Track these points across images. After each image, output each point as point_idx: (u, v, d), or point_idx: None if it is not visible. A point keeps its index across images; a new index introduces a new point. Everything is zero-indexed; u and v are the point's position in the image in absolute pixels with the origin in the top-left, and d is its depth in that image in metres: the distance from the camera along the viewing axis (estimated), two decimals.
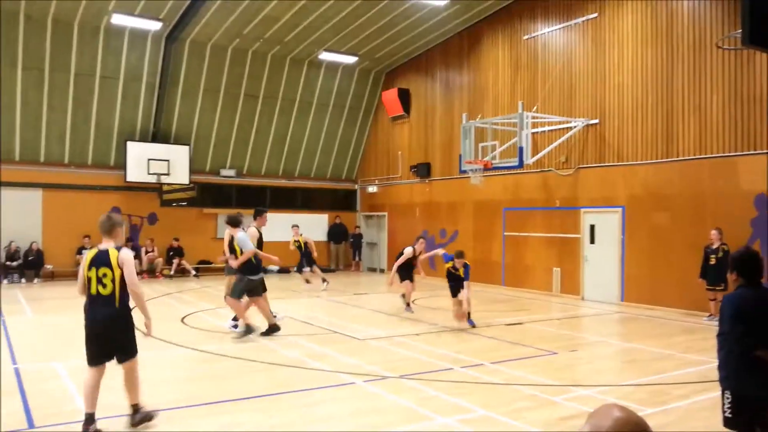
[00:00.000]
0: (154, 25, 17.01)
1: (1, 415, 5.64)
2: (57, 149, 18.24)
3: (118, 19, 16.51)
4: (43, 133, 17.85)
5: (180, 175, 19.32)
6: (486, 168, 14.68)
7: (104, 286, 5.14)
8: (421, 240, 12.73)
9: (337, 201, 23.29)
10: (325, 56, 19.97)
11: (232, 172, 21.00)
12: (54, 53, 16.91)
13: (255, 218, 10.15)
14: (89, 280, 5.17)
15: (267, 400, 6.21)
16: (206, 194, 20.36)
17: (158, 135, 19.28)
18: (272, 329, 9.47)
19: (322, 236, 22.47)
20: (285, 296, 14.86)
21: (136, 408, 5.39)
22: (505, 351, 8.73)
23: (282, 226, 18.04)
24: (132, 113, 18.77)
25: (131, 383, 5.38)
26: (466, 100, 18.28)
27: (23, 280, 17.33)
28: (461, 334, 10.04)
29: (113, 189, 18.98)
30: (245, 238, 9.24)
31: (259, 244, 9.73)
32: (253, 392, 6.46)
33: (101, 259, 5.18)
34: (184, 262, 19.54)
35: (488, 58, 17.79)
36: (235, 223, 9.51)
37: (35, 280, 17.43)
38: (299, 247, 16.35)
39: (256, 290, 9.42)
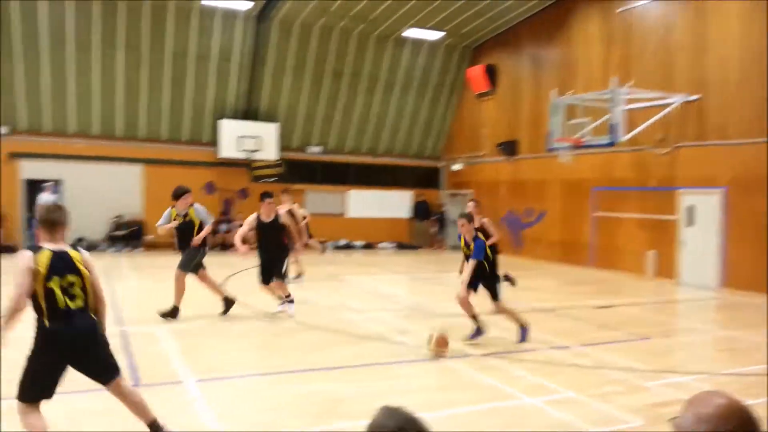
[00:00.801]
0: (245, 5, 17.47)
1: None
2: (155, 126, 19.21)
3: (210, 1, 17.08)
4: (141, 111, 18.82)
5: (269, 151, 19.88)
6: (576, 146, 14.22)
7: (72, 297, 4.00)
8: (470, 203, 10.80)
9: (421, 178, 23.28)
10: (411, 33, 19.85)
11: (318, 149, 21.40)
12: (151, 35, 17.72)
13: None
14: (50, 292, 3.90)
15: (356, 371, 6.36)
16: (293, 170, 20.85)
17: (248, 113, 19.89)
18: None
19: (406, 213, 22.58)
20: (373, 272, 15.08)
21: (155, 425, 4.36)
22: (593, 334, 8.51)
23: (367, 204, 18.22)
24: (224, 92, 19.44)
25: (135, 400, 4.37)
26: (556, 76, 17.71)
27: (127, 250, 18.47)
28: (547, 314, 9.87)
29: (207, 165, 19.78)
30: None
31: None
32: (341, 363, 6.62)
33: (64, 265, 3.97)
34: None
35: (579, 33, 17.12)
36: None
37: (137, 250, 18.53)
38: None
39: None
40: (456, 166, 22.42)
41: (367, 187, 21.99)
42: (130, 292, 11.38)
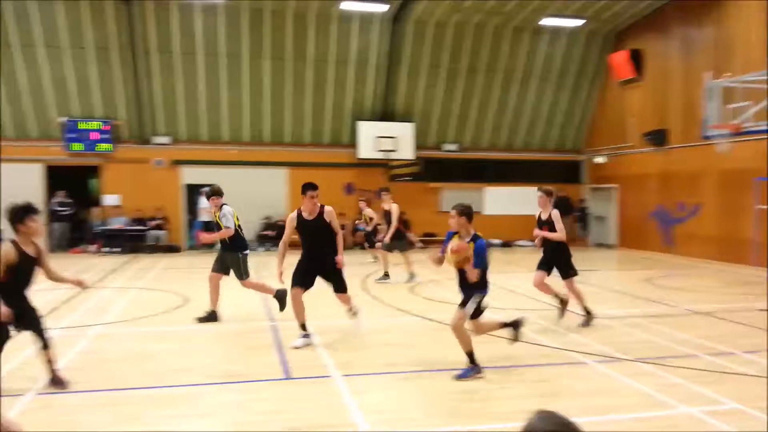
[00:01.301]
0: (381, 8, 17.85)
1: (261, 365, 6.48)
2: (298, 130, 20.21)
3: (348, 5, 17.63)
4: (287, 117, 19.87)
5: (405, 151, 20.16)
6: (736, 132, 13.02)
7: None
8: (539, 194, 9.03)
9: (562, 173, 22.44)
10: (549, 22, 19.22)
11: (454, 147, 21.38)
12: (294, 43, 18.64)
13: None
14: None
15: (502, 372, 6.27)
16: (430, 169, 20.96)
17: (385, 113, 20.32)
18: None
19: None
20: (511, 270, 14.83)
21: None
22: (757, 340, 7.75)
23: (506, 201, 17.90)
24: (362, 94, 20.01)
25: None
26: (710, 58, 16.31)
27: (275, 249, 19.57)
28: (704, 317, 9.14)
29: (346, 166, 20.48)
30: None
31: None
32: (486, 362, 6.53)
33: None
34: (410, 234, 20.45)
35: (736, 10, 15.65)
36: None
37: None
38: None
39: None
40: (599, 159, 21.39)
41: (504, 183, 21.61)
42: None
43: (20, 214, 5.31)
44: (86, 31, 17.37)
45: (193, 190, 19.52)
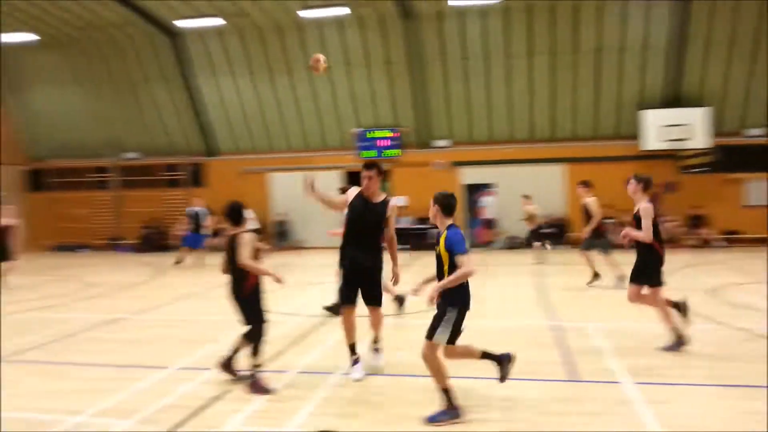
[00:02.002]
0: None
1: (543, 364, 6.40)
2: (575, 125, 19.56)
3: None
4: (562, 112, 19.37)
5: (698, 139, 18.11)
6: None
7: None
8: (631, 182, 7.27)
9: None
10: None
11: (758, 131, 18.59)
12: (570, 36, 18.06)
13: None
14: None
15: None
16: (729, 158, 18.48)
17: (673, 99, 18.54)
18: None
19: None
20: None
21: None
22: None
23: None
24: (644, 81, 18.56)
25: None
26: None
27: (548, 247, 19.15)
28: None
29: (629, 159, 19.14)
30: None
31: None
32: None
33: None
34: (707, 231, 18.38)
35: None
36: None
37: (561, 247, 19.07)
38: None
39: None
40: None
41: None
42: (557, 288, 11.74)
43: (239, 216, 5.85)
44: (374, 48, 19.13)
45: (472, 190, 20.24)
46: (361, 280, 6.10)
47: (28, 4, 17.18)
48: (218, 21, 18.41)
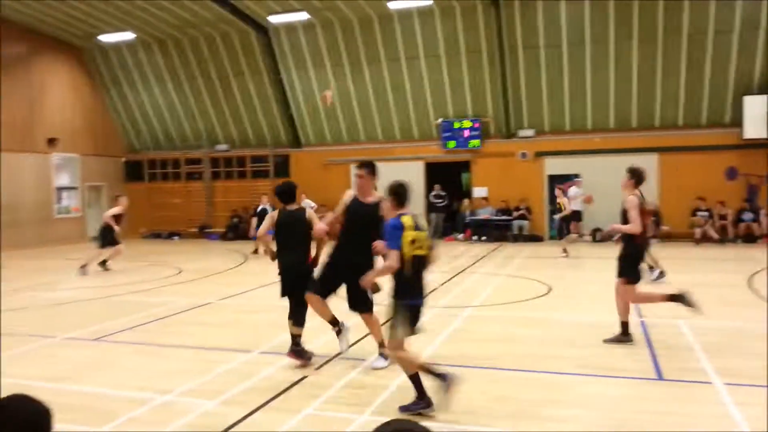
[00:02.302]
0: None
1: (630, 362, 6.14)
2: (671, 113, 18.58)
3: None
4: (657, 99, 18.45)
5: None
6: None
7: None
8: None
9: None
10: None
11: None
12: (665, 20, 17.14)
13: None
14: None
15: None
16: None
17: None
18: None
19: None
20: None
21: None
22: None
23: None
24: (749, 65, 17.36)
25: None
26: None
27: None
28: None
29: (728, 148, 18.06)
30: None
31: None
32: None
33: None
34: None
35: None
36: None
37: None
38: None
39: None
40: None
41: None
42: (646, 283, 11.22)
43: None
44: (459, 38, 18.90)
45: (555, 181, 19.65)
46: (347, 281, 5.96)
47: (130, 5, 18.15)
48: (305, 15, 18.80)
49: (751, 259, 13.47)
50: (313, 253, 6.36)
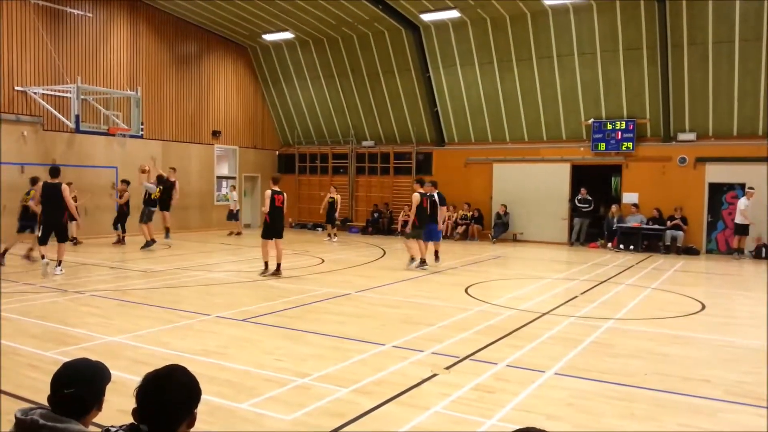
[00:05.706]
0: None
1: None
2: None
3: None
4: None
5: None
6: None
7: None
8: None
9: None
10: None
11: None
12: None
13: None
14: None
15: None
16: None
17: None
18: None
19: None
20: None
21: None
22: None
23: None
24: None
25: None
26: None
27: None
28: None
29: None
30: None
31: None
32: None
33: None
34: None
35: None
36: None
37: None
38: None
39: None
40: None
41: None
42: None
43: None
44: (618, 34, 17.95)
45: (717, 190, 18.12)
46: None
47: (292, 5, 19.26)
48: (456, 14, 18.86)
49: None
50: None
